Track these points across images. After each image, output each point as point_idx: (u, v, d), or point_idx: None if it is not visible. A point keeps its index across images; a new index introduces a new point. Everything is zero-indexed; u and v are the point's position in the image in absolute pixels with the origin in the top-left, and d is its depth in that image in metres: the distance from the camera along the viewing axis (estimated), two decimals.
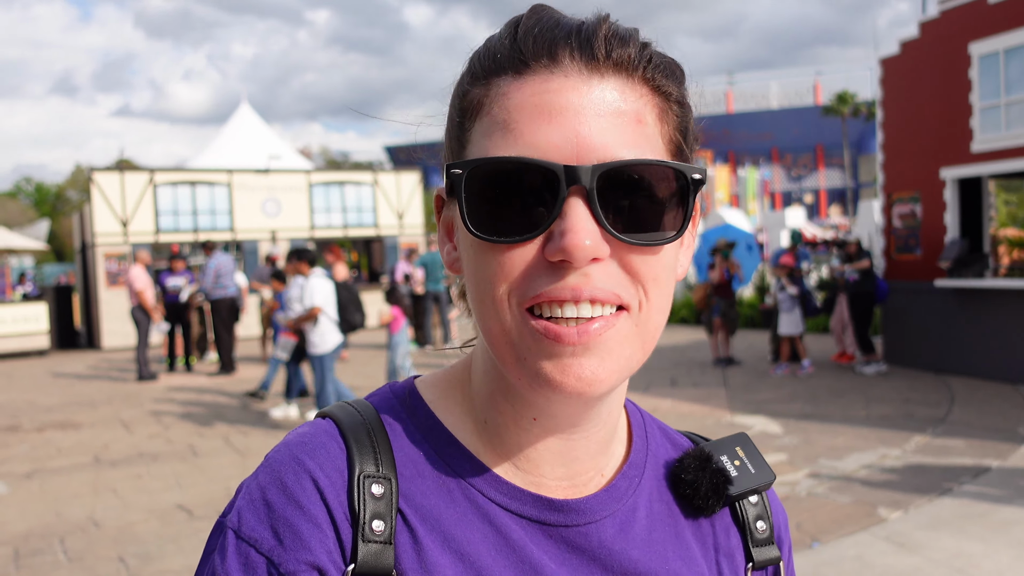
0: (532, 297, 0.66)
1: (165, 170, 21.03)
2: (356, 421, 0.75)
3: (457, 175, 0.66)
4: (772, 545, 0.85)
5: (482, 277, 0.68)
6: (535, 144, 0.65)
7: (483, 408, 0.77)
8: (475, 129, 0.69)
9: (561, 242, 0.63)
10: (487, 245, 0.67)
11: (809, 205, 51.35)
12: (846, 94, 45.37)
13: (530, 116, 0.65)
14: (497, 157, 0.65)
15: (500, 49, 0.70)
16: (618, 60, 0.68)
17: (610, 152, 0.65)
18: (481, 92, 0.69)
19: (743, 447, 0.86)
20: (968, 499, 6.07)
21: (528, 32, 0.69)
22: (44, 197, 66.95)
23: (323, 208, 22.25)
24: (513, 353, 0.68)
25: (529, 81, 0.67)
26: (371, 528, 0.68)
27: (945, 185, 11.55)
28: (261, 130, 26.90)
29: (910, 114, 12.10)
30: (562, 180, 0.63)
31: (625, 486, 0.79)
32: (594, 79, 0.67)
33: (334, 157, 74.72)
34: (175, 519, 6.19)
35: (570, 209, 0.64)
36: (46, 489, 7.18)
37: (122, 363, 16.51)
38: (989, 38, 10.77)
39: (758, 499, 0.86)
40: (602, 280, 0.65)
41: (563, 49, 0.67)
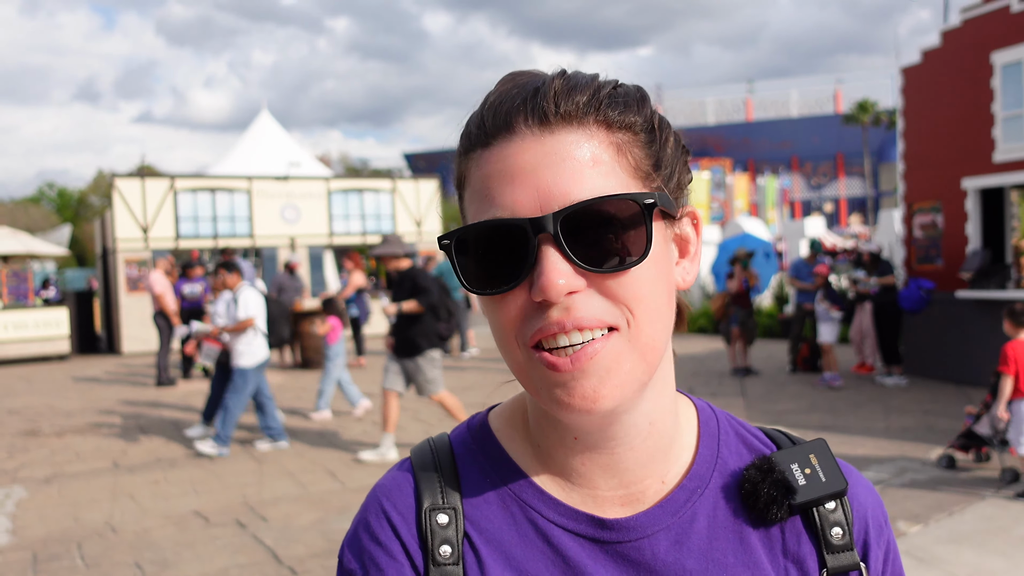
0: (531, 336, 0.74)
1: (185, 176, 21.18)
2: (427, 459, 0.87)
3: (446, 244, 0.77)
4: (851, 552, 0.85)
5: (492, 323, 0.78)
6: (504, 205, 0.73)
7: (536, 432, 0.86)
8: (465, 198, 0.80)
9: (538, 284, 0.71)
10: (488, 298, 0.76)
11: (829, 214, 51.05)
12: (867, 103, 45.11)
13: (497, 182, 0.74)
14: (475, 223, 0.75)
15: (472, 126, 0.79)
16: (566, 113, 0.75)
17: (569, 198, 0.72)
18: (464, 166, 0.80)
19: (818, 454, 0.87)
20: (990, 513, 5.99)
21: (491, 108, 0.77)
22: (66, 203, 67.56)
23: (342, 215, 22.34)
24: (531, 384, 0.77)
25: (494, 151, 0.76)
26: (439, 553, 0.79)
27: (967, 195, 11.44)
28: (281, 137, 27.04)
29: (931, 123, 12.01)
30: (530, 231, 0.72)
31: (683, 499, 0.83)
32: (546, 137, 0.74)
33: (353, 164, 75.03)
34: (192, 525, 6.21)
35: (543, 255, 0.72)
36: (64, 494, 7.23)
37: (142, 368, 16.62)
38: (1012, 47, 10.68)
39: (836, 505, 0.86)
40: (583, 309, 0.73)
41: (517, 117, 0.75)
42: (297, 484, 7.22)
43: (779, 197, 38.76)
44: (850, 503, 0.87)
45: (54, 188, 70.25)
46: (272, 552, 5.57)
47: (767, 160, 53.42)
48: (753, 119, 56.49)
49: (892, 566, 0.89)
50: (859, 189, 53.48)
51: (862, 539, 0.86)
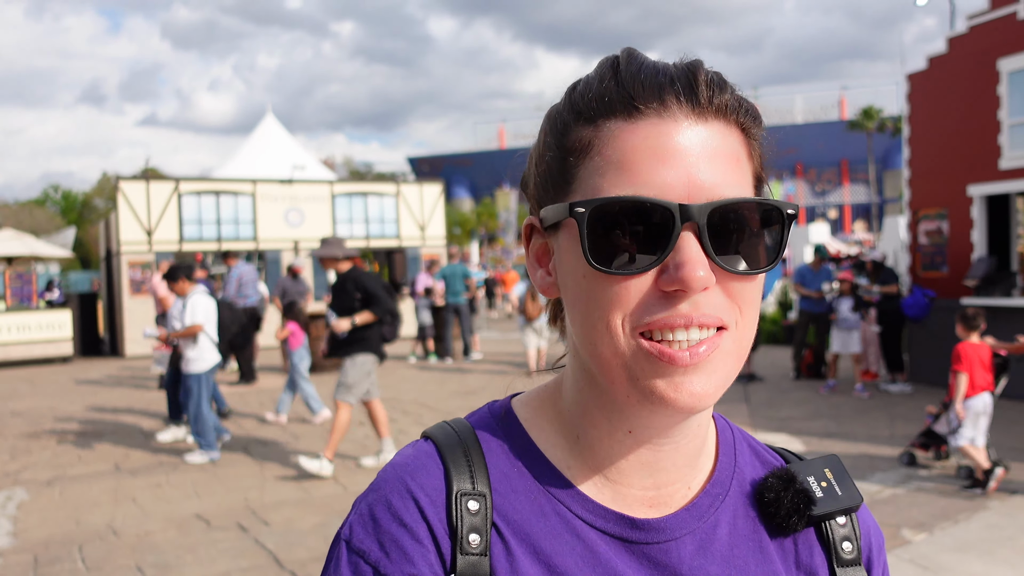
0: (646, 323, 0.72)
1: (190, 179, 21.20)
2: (453, 441, 0.83)
3: (580, 213, 0.72)
4: (859, 567, 0.87)
5: (597, 305, 0.74)
6: (651, 183, 0.71)
7: (577, 423, 0.83)
8: (584, 167, 0.75)
9: (678, 274, 0.70)
10: (604, 276, 0.72)
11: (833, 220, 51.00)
12: (872, 109, 45.10)
13: (644, 157, 0.72)
14: (620, 197, 0.71)
15: (607, 92, 0.75)
16: (719, 106, 0.74)
17: (717, 191, 0.72)
18: (590, 132, 0.75)
19: (832, 469, 0.88)
20: (996, 521, 5.96)
21: (634, 77, 0.75)
22: (71, 205, 67.75)
23: (346, 219, 22.34)
24: (626, 374, 0.74)
25: (641, 124, 0.73)
26: (468, 541, 0.76)
27: (972, 202, 11.41)
28: (285, 141, 27.09)
29: (937, 130, 11.98)
30: (677, 217, 0.70)
31: (707, 504, 0.84)
32: (700, 124, 0.73)
33: (357, 168, 75.14)
34: (193, 528, 6.19)
35: (684, 243, 0.70)
36: (66, 497, 7.22)
37: (144, 371, 16.61)
38: (1018, 54, 10.65)
39: (846, 520, 0.88)
40: (709, 307, 0.72)
41: (670, 94, 0.73)
42: (299, 488, 7.19)
43: None
44: (858, 519, 0.89)
45: (59, 191, 70.48)
46: (274, 556, 5.55)
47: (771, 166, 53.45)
48: None
49: None
50: (863, 196, 53.43)
51: (867, 556, 0.89)
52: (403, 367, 16.03)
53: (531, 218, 0.84)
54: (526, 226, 0.85)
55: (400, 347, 19.37)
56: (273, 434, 9.62)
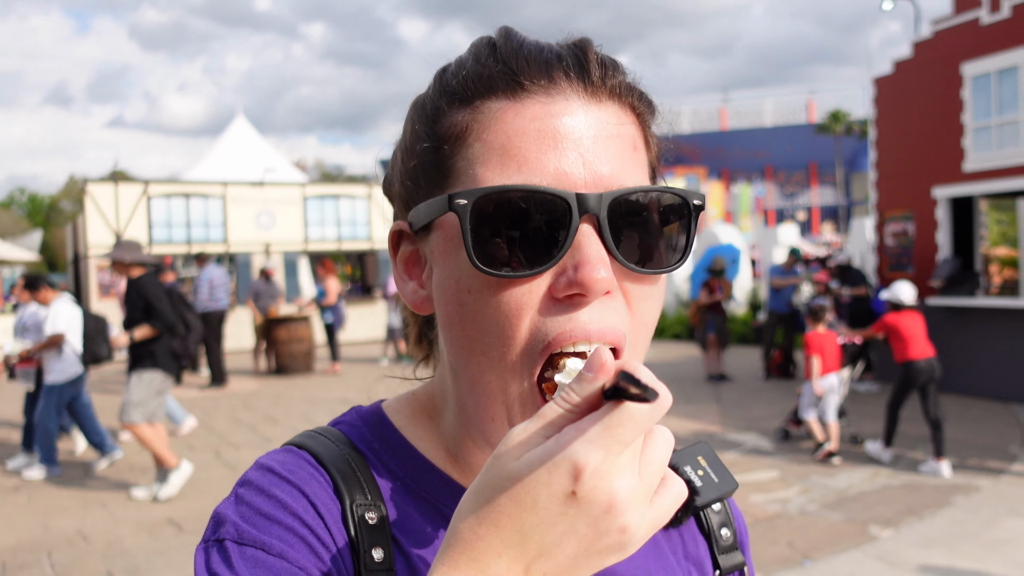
0: (550, 341, 0.62)
1: (159, 182, 21.01)
2: (334, 452, 0.72)
3: (462, 205, 0.62)
4: (736, 551, 0.86)
5: (480, 321, 0.64)
6: (542, 171, 0.62)
7: (453, 443, 0.76)
8: (462, 155, 0.65)
9: (577, 275, 0.61)
10: (489, 283, 0.63)
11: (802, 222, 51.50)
12: (839, 113, 45.63)
13: (532, 141, 0.63)
14: (509, 186, 0.61)
15: (484, 69, 0.66)
16: (612, 87, 0.66)
17: (617, 179, 0.64)
18: (466, 116, 0.66)
19: (705, 456, 0.84)
20: (960, 518, 6.07)
21: (516, 52, 0.66)
22: (38, 208, 66.76)
23: (317, 221, 22.24)
24: (504, 413, 0.66)
25: (528, 104, 0.64)
26: (372, 557, 0.66)
27: (937, 204, 11.60)
28: (256, 143, 26.91)
29: (903, 133, 12.17)
30: (574, 209, 0.61)
31: None
32: (593, 104, 0.65)
33: (329, 170, 74.73)
34: (164, 533, 6.15)
35: (583, 239, 0.62)
36: (34, 502, 7.13)
37: (112, 375, 16.42)
38: (982, 58, 10.85)
39: (721, 507, 0.86)
40: (610, 318, 0.63)
41: (558, 71, 0.65)
42: None
43: (753, 205, 39.10)
44: (729, 505, 0.88)
45: (25, 193, 69.41)
46: None
47: (741, 169, 53.80)
48: (728, 128, 56.90)
49: (751, 567, 0.90)
50: (831, 198, 54.00)
51: (740, 539, 0.88)
52: (375, 369, 15.98)
53: (398, 222, 0.74)
54: (393, 232, 0.75)
55: (372, 349, 19.31)
56: (245, 437, 9.56)
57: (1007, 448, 7.99)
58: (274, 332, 15.20)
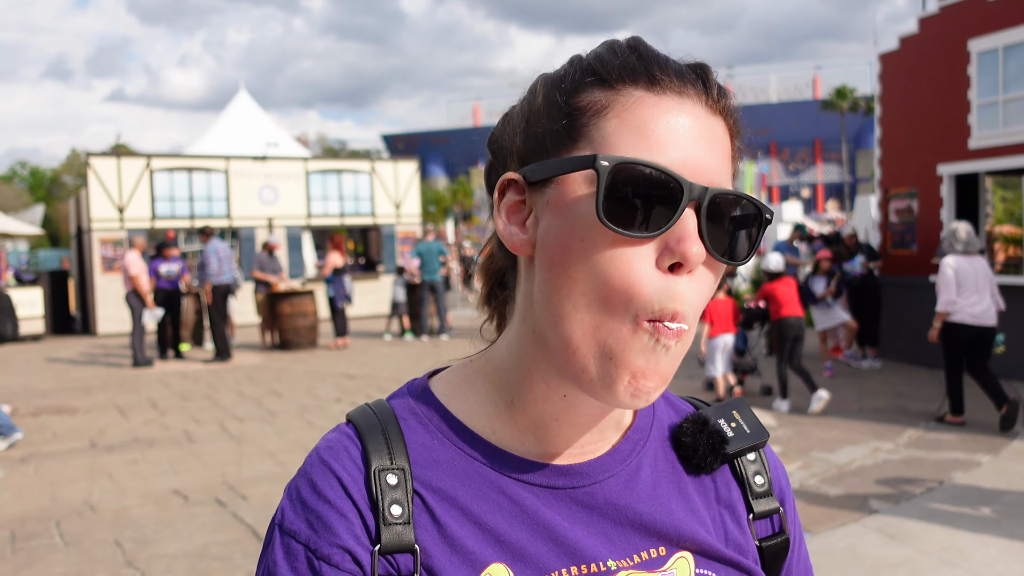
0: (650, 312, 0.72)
1: (162, 156, 20.97)
2: (371, 422, 0.84)
3: (604, 167, 0.71)
4: (771, 497, 0.93)
5: (597, 275, 0.73)
6: (668, 156, 0.72)
7: (512, 388, 0.84)
8: (597, 126, 0.75)
9: (679, 247, 0.71)
10: (608, 236, 0.72)
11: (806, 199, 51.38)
12: (845, 89, 45.37)
13: (664, 130, 0.73)
14: (647, 162, 0.71)
15: (628, 62, 0.77)
16: (723, 107, 0.79)
17: (718, 179, 0.75)
18: (608, 95, 0.76)
19: (739, 411, 0.94)
20: (959, 492, 6.12)
21: (654, 56, 0.78)
22: (39, 182, 66.67)
23: (320, 196, 22.23)
24: (599, 349, 0.73)
25: (664, 99, 0.75)
26: (390, 513, 0.78)
27: (942, 181, 11.57)
28: (259, 117, 26.85)
29: (908, 110, 12.11)
30: (686, 193, 0.71)
31: (629, 449, 0.87)
32: (711, 115, 0.77)
33: (331, 145, 74.55)
34: (171, 504, 6.21)
35: (687, 219, 0.72)
36: (42, 473, 7.20)
37: (117, 349, 16.51)
38: (988, 35, 10.78)
39: (756, 456, 0.94)
40: (691, 301, 0.74)
41: (688, 82, 0.77)
42: (277, 463, 7.22)
43: (757, 182, 38.93)
44: (766, 455, 0.96)
45: (26, 167, 69.31)
46: (252, 530, 5.58)
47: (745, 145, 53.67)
48: None
49: (795, 516, 0.97)
50: (836, 175, 53.85)
51: (778, 488, 0.95)
52: (378, 344, 16.04)
53: (511, 174, 0.81)
54: (503, 180, 0.82)
55: (375, 324, 19.36)
56: (250, 411, 9.63)
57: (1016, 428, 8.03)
58: (277, 307, 15.25)
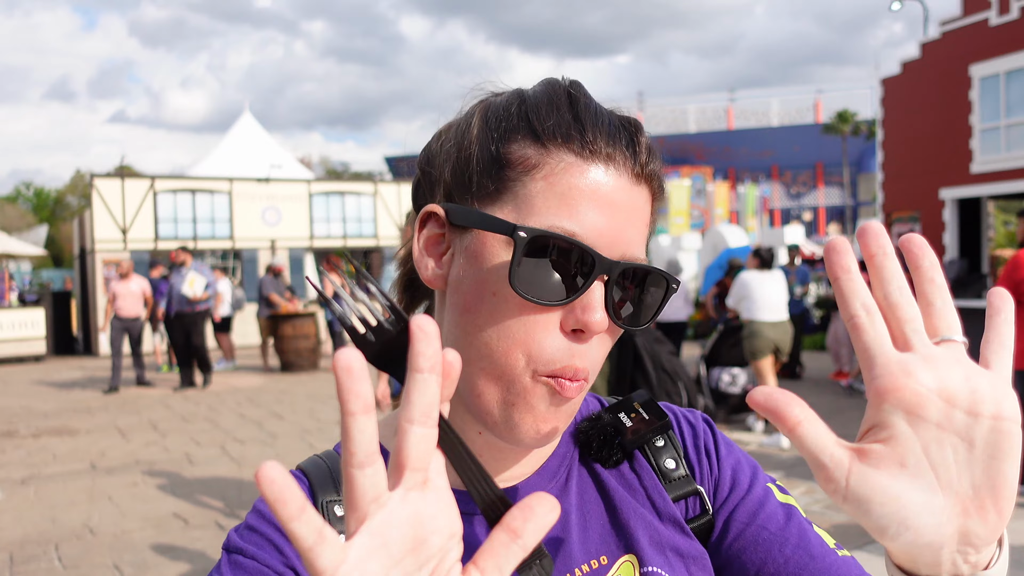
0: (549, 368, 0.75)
1: (166, 177, 21.06)
2: (318, 464, 0.87)
3: (521, 238, 0.73)
4: (687, 478, 0.92)
5: (503, 328, 0.76)
6: (585, 224, 0.74)
7: None
8: (524, 184, 0.77)
9: (584, 316, 0.74)
10: (517, 301, 0.75)
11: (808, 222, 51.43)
12: (846, 113, 45.51)
13: (587, 200, 0.75)
14: (565, 237, 0.73)
15: (564, 122, 0.77)
16: (649, 174, 0.80)
17: (632, 249, 0.77)
18: (539, 154, 0.77)
19: (640, 401, 0.94)
20: None
21: (592, 119, 0.78)
22: (43, 202, 66.92)
23: (323, 218, 22.28)
24: (501, 395, 0.77)
25: (591, 167, 0.76)
26: None
27: (944, 205, 11.59)
28: (263, 139, 26.97)
29: (910, 134, 12.15)
30: (597, 265, 0.74)
31: (556, 464, 0.89)
32: (635, 184, 0.78)
33: (334, 167, 74.81)
34: (171, 527, 6.17)
35: (594, 291, 0.75)
36: (41, 495, 7.16)
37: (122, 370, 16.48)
38: (990, 60, 10.83)
39: (664, 441, 0.94)
40: (592, 359, 0.77)
41: (619, 149, 0.77)
42: None
43: (759, 205, 39.00)
44: (676, 436, 0.95)
45: (31, 188, 69.60)
46: None
47: (747, 168, 53.75)
48: (734, 127, 56.85)
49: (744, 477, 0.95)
50: (838, 198, 53.92)
51: (693, 466, 0.94)
52: None
53: (434, 206, 0.82)
54: (426, 212, 0.83)
55: None
56: (251, 433, 9.59)
57: None
58: (279, 328, 15.24)
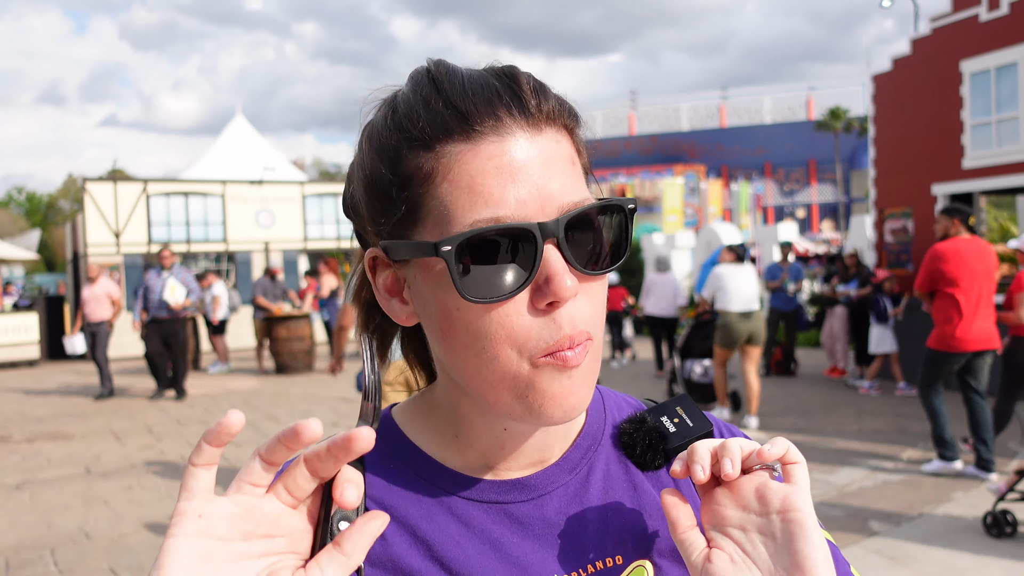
0: (541, 349, 0.73)
1: (158, 180, 21.00)
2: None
3: (447, 252, 0.71)
4: None
5: (478, 335, 0.74)
6: (504, 203, 0.71)
7: (455, 424, 0.85)
8: (431, 195, 0.74)
9: (548, 287, 0.71)
10: (481, 307, 0.73)
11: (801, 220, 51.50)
12: (839, 110, 45.63)
13: (492, 178, 0.72)
14: (484, 228, 0.71)
15: (438, 115, 0.73)
16: (548, 112, 0.75)
17: (566, 198, 0.73)
18: (430, 160, 0.73)
19: (683, 406, 0.93)
20: (960, 513, 6.09)
21: (461, 95, 0.73)
22: (35, 207, 66.71)
23: (316, 219, 22.25)
24: (512, 393, 0.75)
25: (482, 145, 0.72)
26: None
27: (937, 201, 11.62)
28: (256, 141, 26.89)
29: (902, 130, 12.18)
30: (538, 235, 0.71)
31: (578, 456, 0.88)
32: (535, 133, 0.74)
33: (327, 169, 74.72)
34: (167, 531, 6.16)
35: (549, 257, 0.72)
36: (36, 500, 7.15)
37: (112, 375, 16.44)
38: (980, 56, 10.87)
39: None
40: (581, 321, 0.74)
41: (502, 108, 0.73)
42: None
43: (752, 203, 39.09)
44: None
45: (23, 192, 69.35)
46: None
47: (740, 166, 53.82)
48: (727, 125, 56.91)
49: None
50: (831, 195, 54.03)
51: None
52: None
53: (374, 251, 0.81)
54: (369, 259, 0.82)
55: None
56: (245, 436, 9.58)
57: (1007, 444, 8.01)
58: (274, 331, 15.22)
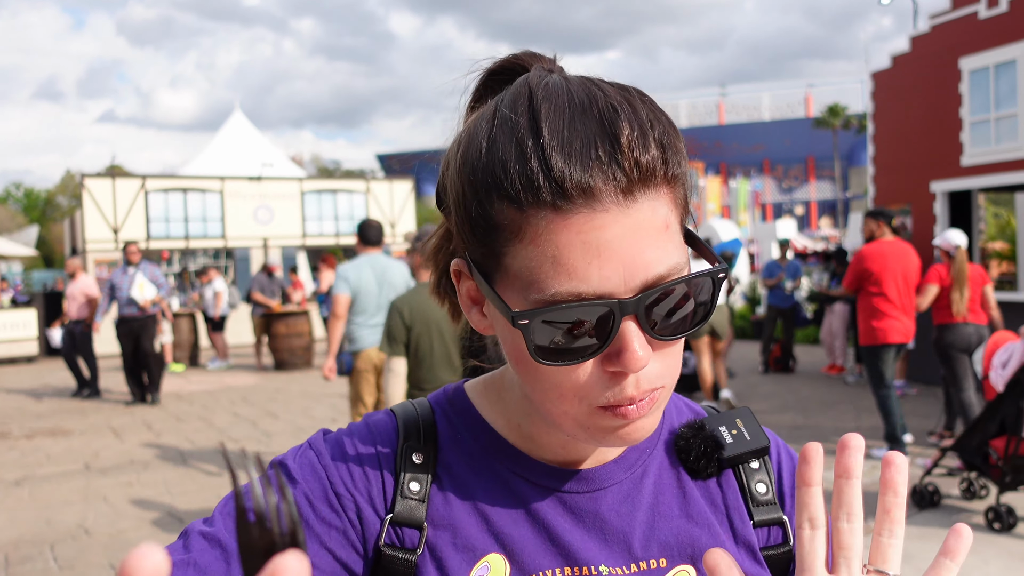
0: (600, 406, 0.74)
1: (157, 177, 20.98)
2: (410, 411, 0.90)
3: (524, 325, 0.70)
4: (775, 506, 0.92)
5: (548, 382, 0.75)
6: (587, 279, 0.69)
7: (522, 414, 0.88)
8: (514, 253, 0.71)
9: (620, 360, 0.71)
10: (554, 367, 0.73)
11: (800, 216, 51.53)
12: (837, 107, 45.66)
13: (579, 253, 0.68)
14: (564, 304, 0.69)
15: (533, 179, 0.68)
16: (643, 174, 0.69)
17: (651, 271, 0.70)
18: (518, 217, 0.70)
19: (743, 418, 0.94)
20: (959, 509, 6.10)
21: (558, 147, 0.68)
22: (33, 203, 66.61)
23: (315, 216, 22.23)
24: (576, 425, 0.77)
25: (572, 220, 0.68)
26: (409, 488, 0.83)
27: (935, 198, 11.62)
28: (254, 137, 26.86)
29: (901, 127, 12.19)
30: (617, 313, 0.70)
31: (635, 457, 0.89)
32: (629, 204, 0.69)
33: (326, 165, 74.64)
34: (167, 526, 6.17)
35: (625, 333, 0.71)
36: (36, 496, 7.15)
37: (111, 371, 16.44)
38: (979, 53, 10.87)
39: (760, 464, 0.93)
40: (647, 382, 0.74)
41: (598, 174, 0.68)
42: None
43: (751, 200, 39.05)
44: (772, 462, 0.94)
45: (20, 188, 69.25)
46: None
47: (739, 163, 53.83)
48: (725, 122, 56.90)
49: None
50: (829, 192, 54.07)
51: (784, 496, 0.93)
52: None
53: (460, 263, 0.80)
54: (454, 270, 0.81)
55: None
56: (245, 432, 9.59)
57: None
58: (273, 327, 15.22)
